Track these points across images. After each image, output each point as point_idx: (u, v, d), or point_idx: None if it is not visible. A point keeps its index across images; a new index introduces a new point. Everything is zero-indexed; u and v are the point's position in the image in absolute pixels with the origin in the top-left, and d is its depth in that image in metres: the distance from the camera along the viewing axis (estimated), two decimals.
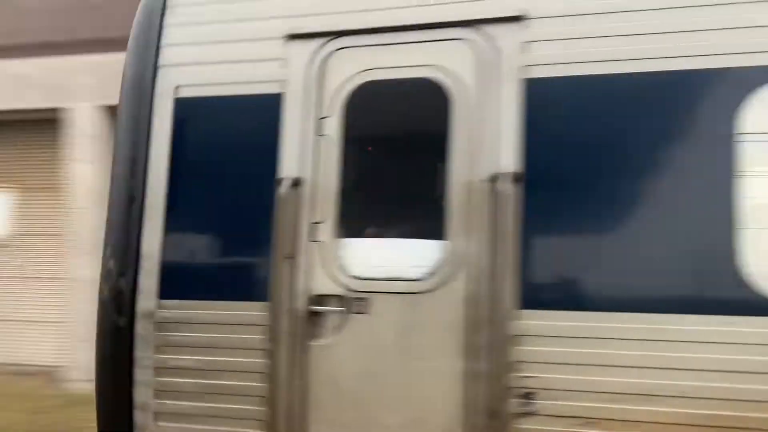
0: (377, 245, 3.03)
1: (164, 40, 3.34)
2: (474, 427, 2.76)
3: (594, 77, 2.76)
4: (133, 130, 3.32)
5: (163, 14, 3.37)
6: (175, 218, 3.21)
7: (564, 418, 2.68)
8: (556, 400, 2.68)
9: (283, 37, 3.14)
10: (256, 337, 3.00)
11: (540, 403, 2.70)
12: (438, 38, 2.95)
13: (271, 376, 2.97)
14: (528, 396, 2.71)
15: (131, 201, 3.25)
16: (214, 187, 3.21)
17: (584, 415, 2.66)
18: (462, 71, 2.91)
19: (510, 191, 2.77)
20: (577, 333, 2.67)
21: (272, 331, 2.98)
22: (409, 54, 2.99)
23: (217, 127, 3.24)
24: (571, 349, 2.67)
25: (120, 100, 3.41)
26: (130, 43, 3.44)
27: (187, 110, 3.26)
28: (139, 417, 3.17)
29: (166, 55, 3.32)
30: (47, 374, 8.52)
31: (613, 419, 2.63)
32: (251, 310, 3.01)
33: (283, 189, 3.02)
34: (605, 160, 2.75)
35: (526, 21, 2.85)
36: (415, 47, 2.98)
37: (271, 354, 2.98)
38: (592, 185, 2.75)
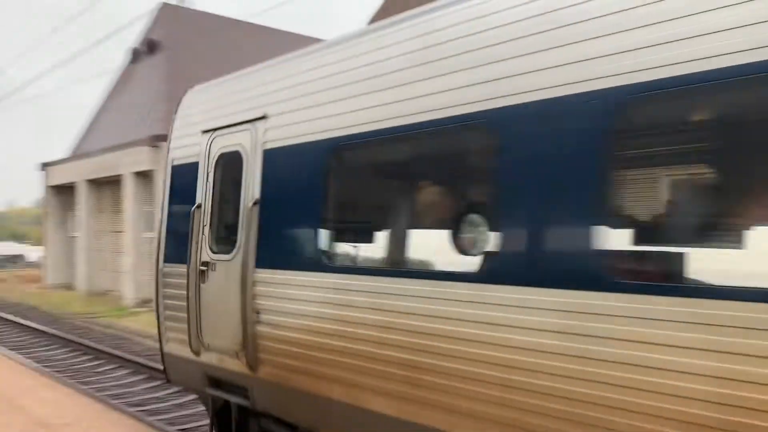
0: (220, 237, 5.93)
1: (172, 135, 6.76)
2: (247, 323, 5.47)
3: (280, 148, 5.23)
4: (164, 185, 6.82)
5: (174, 121, 6.80)
6: (166, 226, 6.61)
7: (269, 324, 5.24)
8: (267, 315, 5.26)
9: (200, 132, 6.26)
10: (183, 281, 6.18)
11: (262, 316, 5.30)
12: (240, 130, 5.72)
13: (187, 301, 6.12)
14: (258, 312, 5.34)
15: (160, 219, 6.76)
16: (174, 211, 6.50)
17: (277, 323, 5.18)
18: (247, 146, 5.62)
19: (254, 209, 5.40)
20: (275, 281, 5.20)
21: (188, 279, 6.12)
22: (231, 138, 5.81)
23: (179, 181, 6.53)
24: (272, 289, 5.22)
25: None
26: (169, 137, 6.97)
27: (174, 172, 6.62)
28: (159, 320, 6.65)
29: (172, 143, 6.74)
30: None
31: (289, 327, 5.10)
32: (182, 268, 6.20)
33: (194, 209, 6.13)
34: (290, 194, 5.19)
35: (266, 118, 5.44)
36: (232, 135, 5.80)
37: (187, 290, 6.12)
38: (284, 207, 5.22)
